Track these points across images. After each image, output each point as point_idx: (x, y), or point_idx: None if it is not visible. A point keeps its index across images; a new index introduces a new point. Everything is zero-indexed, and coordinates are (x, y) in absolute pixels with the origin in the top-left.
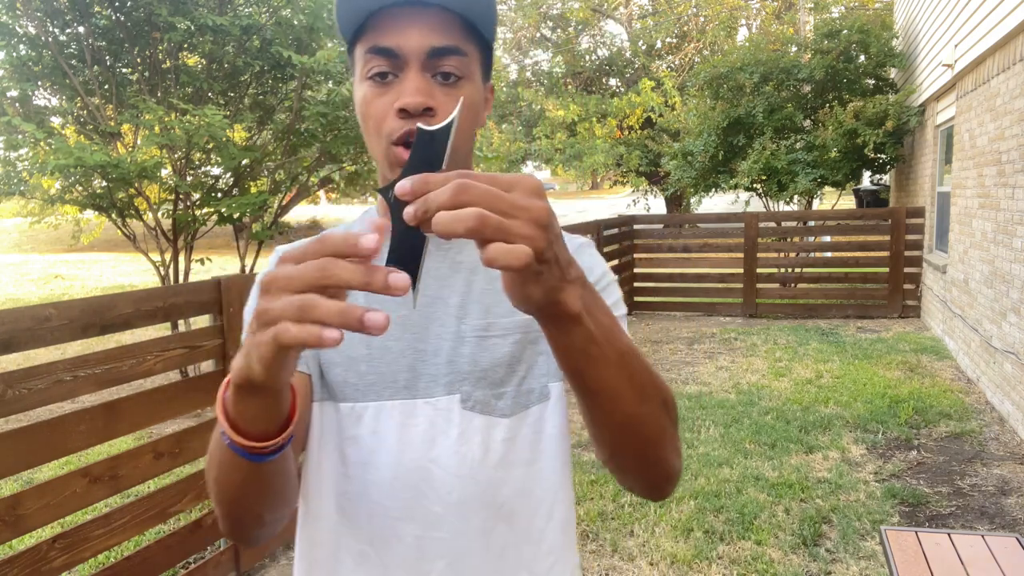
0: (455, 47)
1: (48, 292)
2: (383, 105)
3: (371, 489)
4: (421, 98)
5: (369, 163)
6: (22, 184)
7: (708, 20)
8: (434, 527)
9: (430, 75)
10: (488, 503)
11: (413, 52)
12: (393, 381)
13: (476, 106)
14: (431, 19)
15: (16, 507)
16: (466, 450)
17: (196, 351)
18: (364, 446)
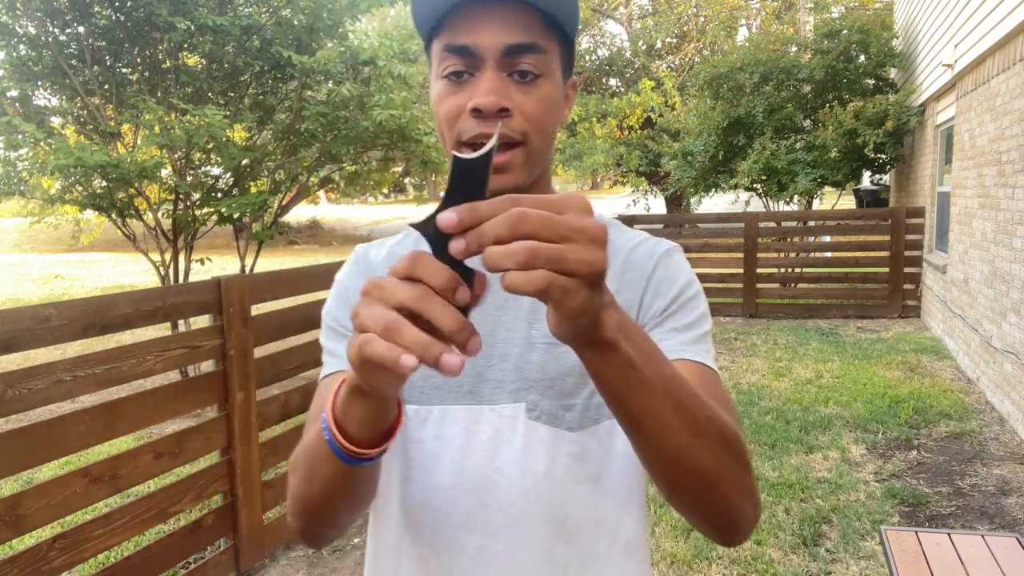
0: (533, 44)
1: (48, 292)
2: (457, 103)
3: (434, 494)
4: (495, 98)
5: (369, 163)
6: (22, 184)
7: (708, 20)
8: (494, 538)
9: (506, 73)
10: (551, 518)
11: (488, 49)
12: (458, 385)
13: (555, 104)
14: (508, 15)
15: (16, 507)
16: (530, 461)
17: (196, 351)
18: (428, 450)
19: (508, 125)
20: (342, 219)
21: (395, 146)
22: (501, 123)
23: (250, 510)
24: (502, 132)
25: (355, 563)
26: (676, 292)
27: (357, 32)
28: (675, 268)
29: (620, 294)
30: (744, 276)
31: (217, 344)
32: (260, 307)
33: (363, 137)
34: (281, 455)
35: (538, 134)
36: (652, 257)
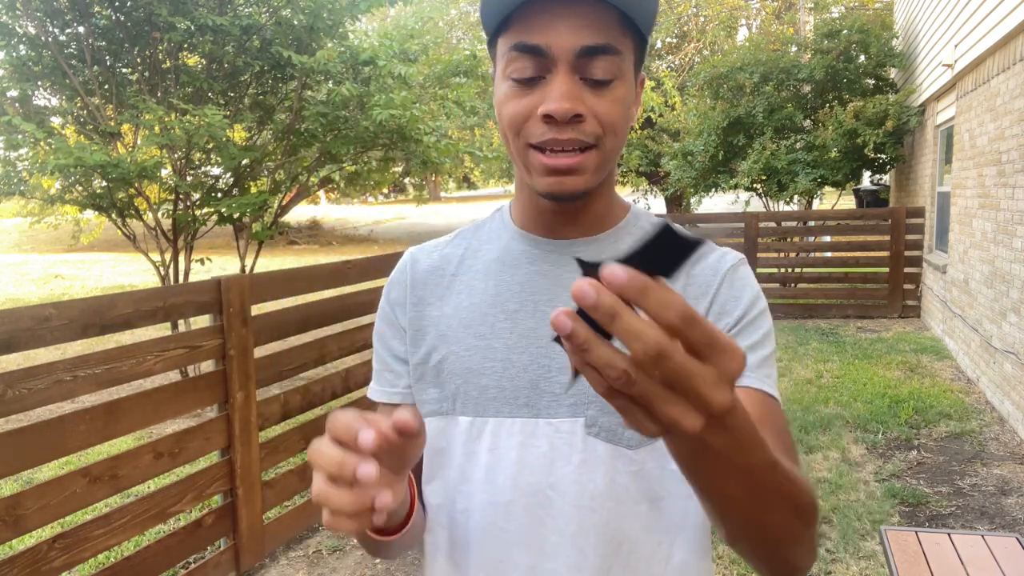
0: (609, 46)
1: (48, 292)
2: (526, 106)
3: (488, 509)
4: (568, 104)
5: (369, 163)
6: (22, 184)
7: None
8: (549, 557)
9: (579, 77)
10: (607, 538)
11: (562, 51)
12: (515, 397)
13: (628, 105)
14: (585, 14)
15: (16, 507)
16: (587, 479)
17: (196, 351)
18: (482, 463)
19: (581, 130)
20: (342, 219)
21: (395, 146)
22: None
23: (250, 510)
24: (577, 137)
25: (355, 563)
26: (742, 311)
27: (357, 32)
28: (740, 284)
29: None
30: None
31: (217, 344)
32: (260, 307)
33: (363, 137)
34: (281, 455)
35: (611, 137)
36: (717, 274)
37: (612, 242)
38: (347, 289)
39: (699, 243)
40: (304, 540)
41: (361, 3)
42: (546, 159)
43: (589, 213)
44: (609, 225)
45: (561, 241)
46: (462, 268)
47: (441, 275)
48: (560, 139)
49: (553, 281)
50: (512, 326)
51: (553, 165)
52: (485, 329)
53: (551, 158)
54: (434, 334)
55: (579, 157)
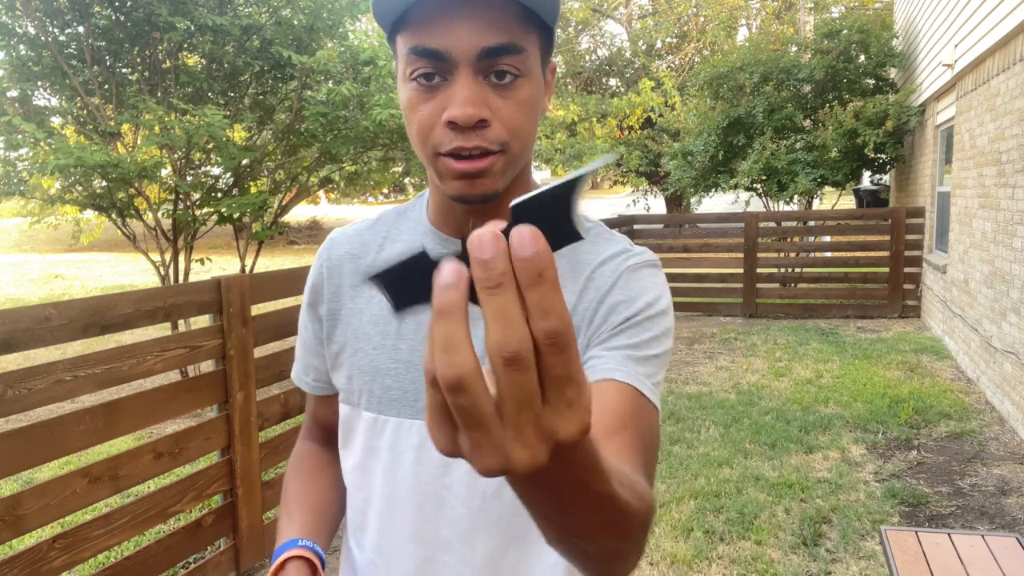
0: (511, 44)
1: (48, 292)
2: (430, 112)
3: (386, 503)
4: (472, 109)
5: (369, 163)
6: (22, 184)
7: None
8: (442, 551)
9: (482, 77)
10: (496, 536)
11: (463, 54)
12: (415, 400)
13: (535, 104)
14: (483, 11)
15: (16, 507)
16: (479, 482)
17: (196, 351)
18: (383, 460)
19: (486, 136)
20: (342, 219)
21: (395, 146)
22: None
23: (250, 510)
24: (483, 144)
25: None
26: (632, 312)
27: (357, 32)
28: (637, 286)
29: (576, 312)
30: (744, 276)
31: (217, 344)
32: (260, 307)
33: (363, 137)
34: (281, 455)
35: (517, 141)
36: (614, 275)
37: None
38: None
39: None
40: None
41: (361, 3)
42: (455, 164)
43: (501, 212)
44: None
45: None
46: (378, 259)
47: (357, 263)
48: (466, 147)
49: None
50: (417, 327)
51: (462, 169)
52: (392, 329)
53: (460, 163)
54: (347, 328)
55: (486, 161)
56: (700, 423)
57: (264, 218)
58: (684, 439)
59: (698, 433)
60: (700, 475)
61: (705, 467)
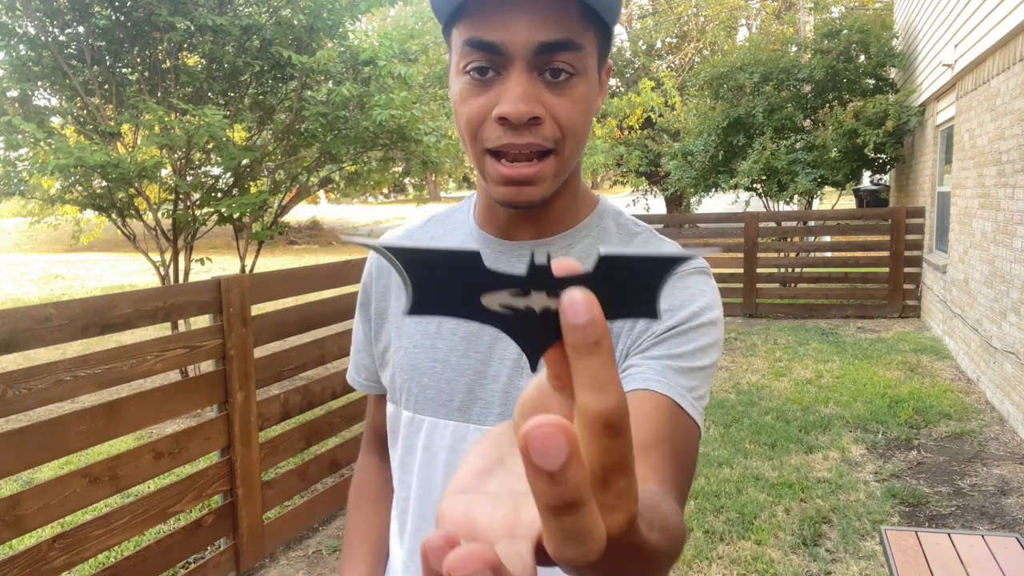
0: (568, 41)
1: (48, 292)
2: (481, 107)
3: (419, 504)
4: (525, 106)
5: (369, 163)
6: (22, 184)
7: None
8: None
9: (537, 73)
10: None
11: (519, 48)
12: (450, 400)
13: (590, 103)
14: (542, 6)
15: (16, 507)
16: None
17: (196, 351)
18: (419, 459)
19: (539, 133)
20: (342, 219)
21: (395, 146)
22: (530, 133)
23: (250, 510)
24: (535, 142)
25: None
26: (677, 320)
27: (357, 32)
28: (684, 294)
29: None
30: (744, 276)
31: (217, 344)
32: (260, 307)
33: (363, 137)
34: (281, 455)
35: (571, 140)
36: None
37: (565, 245)
38: (347, 289)
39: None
40: (304, 540)
41: (361, 3)
42: (503, 169)
43: (547, 215)
44: (570, 224)
45: (511, 243)
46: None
47: None
48: (518, 143)
49: None
50: (456, 327)
51: (510, 176)
52: (432, 328)
53: (508, 168)
54: (392, 326)
55: (537, 167)
56: None
57: (264, 218)
58: None
59: None
60: (700, 475)
61: (705, 467)
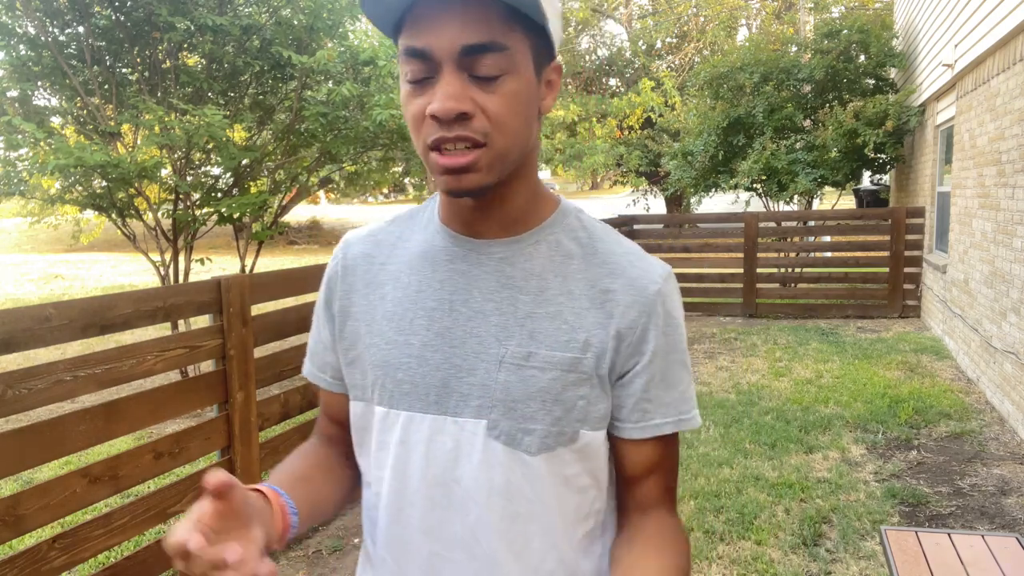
0: (491, 43)
1: (48, 292)
2: (419, 108)
3: (395, 497)
4: (452, 104)
5: (369, 163)
6: (22, 184)
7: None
8: (449, 547)
9: (467, 74)
10: (501, 532)
11: (445, 53)
12: (426, 394)
13: (524, 99)
14: (465, 11)
15: (16, 507)
16: (486, 478)
17: (196, 351)
18: (394, 453)
19: (469, 127)
20: (342, 219)
21: (395, 146)
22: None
23: None
24: (465, 134)
25: (355, 563)
26: (655, 341)
27: (357, 32)
28: (663, 307)
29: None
30: (744, 276)
31: (217, 344)
32: (260, 307)
33: (363, 137)
34: (281, 455)
35: (502, 135)
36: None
37: (532, 243)
38: None
39: None
40: (304, 540)
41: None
42: (441, 159)
43: (506, 210)
44: (532, 224)
45: (480, 241)
46: (392, 257)
47: (371, 262)
48: (448, 136)
49: (469, 281)
50: (429, 324)
51: (446, 164)
52: (405, 324)
53: (445, 158)
54: (361, 323)
55: (470, 155)
56: (700, 423)
57: (264, 218)
58: (684, 439)
59: (698, 433)
60: (700, 475)
61: (705, 467)
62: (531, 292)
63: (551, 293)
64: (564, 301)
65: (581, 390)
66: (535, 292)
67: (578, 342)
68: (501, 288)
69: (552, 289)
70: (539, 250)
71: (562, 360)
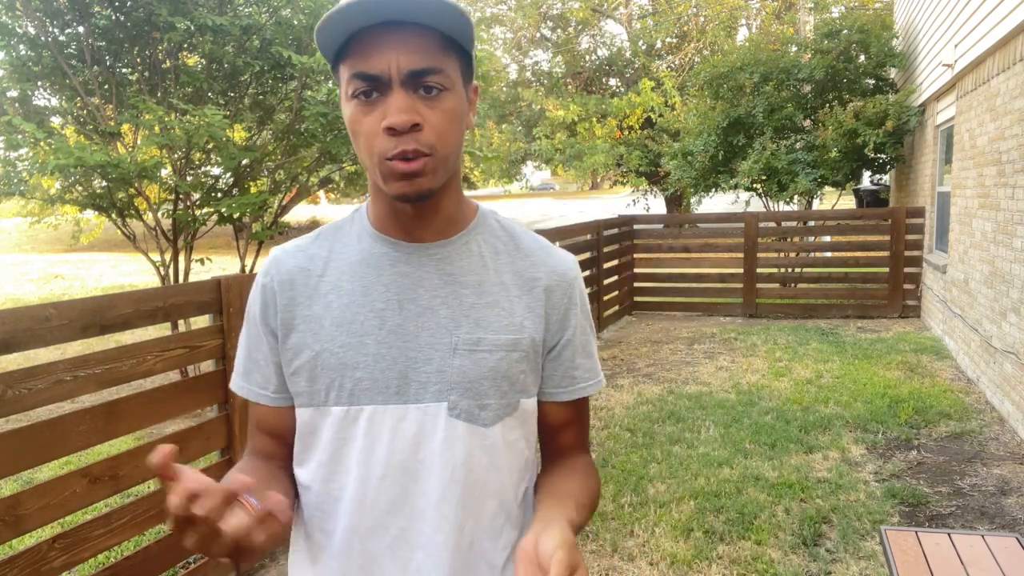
0: (432, 67)
1: (48, 292)
2: (371, 123)
3: (362, 483)
4: (407, 116)
5: None
6: (22, 184)
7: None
8: (418, 520)
9: (412, 91)
10: (464, 502)
11: (395, 75)
12: (386, 387)
13: (459, 114)
14: (408, 40)
15: (16, 507)
16: (450, 454)
17: (196, 351)
18: (358, 446)
19: (419, 139)
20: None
21: None
22: (413, 139)
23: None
24: (416, 147)
25: None
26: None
27: None
28: (576, 292)
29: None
30: (744, 276)
31: (217, 344)
32: None
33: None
34: None
35: (444, 145)
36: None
37: (464, 243)
38: None
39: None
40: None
41: None
42: (398, 166)
43: (440, 215)
44: (461, 227)
45: (418, 244)
46: (328, 269)
47: (308, 275)
48: (406, 150)
49: (414, 281)
50: (380, 323)
51: (403, 170)
52: (356, 327)
53: (403, 164)
54: (305, 333)
55: (418, 163)
56: (700, 423)
57: (264, 218)
58: (684, 439)
59: (698, 433)
60: (700, 475)
61: (705, 467)
62: (471, 286)
63: (488, 285)
64: (500, 291)
65: (522, 365)
66: (474, 286)
67: (515, 325)
68: (444, 285)
69: (488, 282)
70: (471, 249)
71: (506, 342)
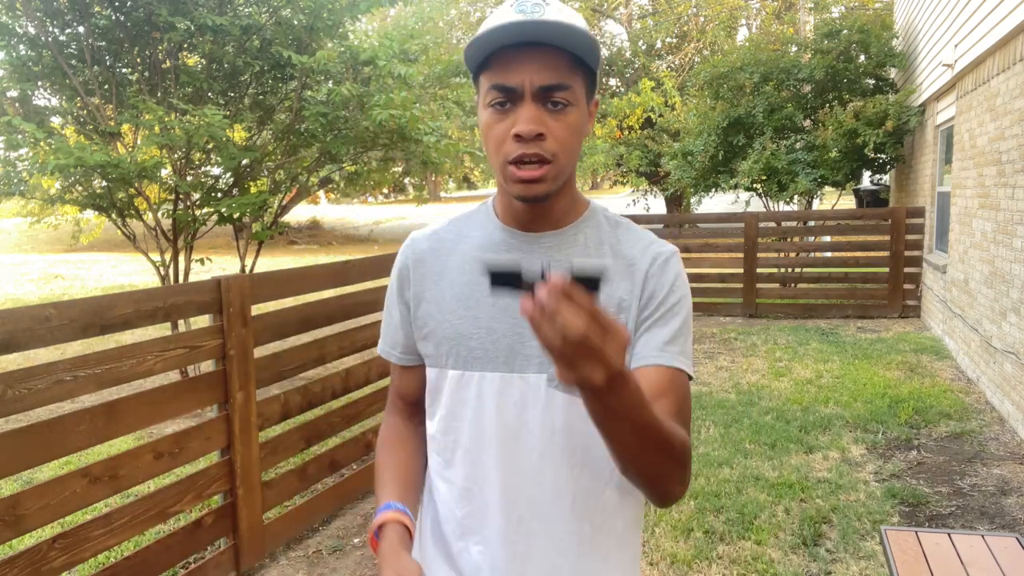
0: (561, 84)
1: (48, 292)
2: (502, 130)
3: (474, 442)
4: (533, 126)
5: (369, 163)
6: (22, 184)
7: (708, 20)
8: (520, 475)
9: (541, 104)
10: (563, 462)
11: (527, 88)
12: (495, 356)
13: (580, 127)
14: (543, 58)
15: (16, 507)
16: (549, 421)
17: (196, 351)
18: (470, 406)
19: (542, 146)
20: (342, 219)
21: (395, 146)
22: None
23: (250, 510)
24: (536, 152)
25: (355, 563)
26: (668, 303)
27: (357, 32)
28: (671, 276)
29: (627, 299)
30: (744, 276)
31: (217, 344)
32: (260, 307)
33: (363, 137)
34: (281, 455)
35: (565, 153)
36: (653, 264)
37: (572, 234)
38: (347, 289)
39: (596, 279)
40: (304, 540)
41: (361, 3)
42: (518, 171)
43: (553, 211)
44: (572, 220)
45: (532, 234)
46: (456, 250)
47: (438, 254)
48: (528, 153)
49: None
50: (494, 301)
51: (522, 176)
52: (472, 302)
53: (522, 170)
54: (432, 304)
55: (541, 170)
56: (700, 423)
57: (264, 218)
58: None
59: (698, 433)
60: (700, 475)
61: (705, 467)
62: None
63: None
64: None
65: None
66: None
67: (614, 304)
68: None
69: None
70: (578, 239)
71: None
